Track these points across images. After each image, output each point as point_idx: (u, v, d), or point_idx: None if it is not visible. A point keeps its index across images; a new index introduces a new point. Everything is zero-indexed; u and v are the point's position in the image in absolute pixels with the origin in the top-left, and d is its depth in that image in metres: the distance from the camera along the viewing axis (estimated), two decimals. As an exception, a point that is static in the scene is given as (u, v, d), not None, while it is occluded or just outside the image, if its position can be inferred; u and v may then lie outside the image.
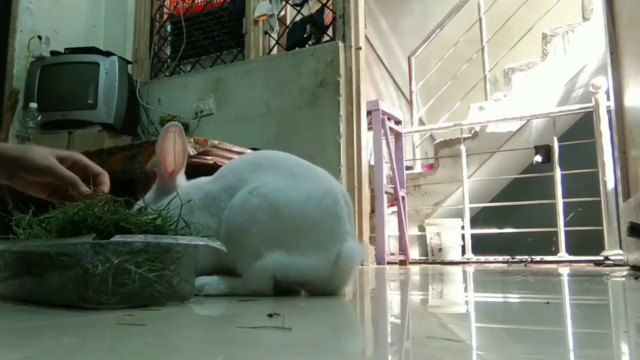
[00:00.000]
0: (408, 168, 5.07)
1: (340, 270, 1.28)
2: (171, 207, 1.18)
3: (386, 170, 4.34)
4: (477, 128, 4.95)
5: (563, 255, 4.00)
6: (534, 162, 4.47)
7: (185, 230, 1.18)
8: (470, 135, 4.95)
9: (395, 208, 4.32)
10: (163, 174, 1.39)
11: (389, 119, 4.18)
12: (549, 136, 4.40)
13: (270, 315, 0.89)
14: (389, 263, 3.89)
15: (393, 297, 1.48)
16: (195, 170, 1.52)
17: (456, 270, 2.94)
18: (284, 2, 4.12)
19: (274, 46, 4.12)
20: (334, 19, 3.80)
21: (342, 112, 3.55)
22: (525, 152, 4.76)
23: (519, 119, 4.75)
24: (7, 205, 1.17)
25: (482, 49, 5.49)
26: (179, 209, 1.17)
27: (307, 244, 1.24)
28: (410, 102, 5.90)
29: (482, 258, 4.33)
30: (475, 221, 4.81)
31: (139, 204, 1.35)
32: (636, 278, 2.00)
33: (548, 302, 1.19)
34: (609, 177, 3.74)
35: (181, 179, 1.42)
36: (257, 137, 3.74)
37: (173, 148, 1.39)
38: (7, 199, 1.18)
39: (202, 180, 1.43)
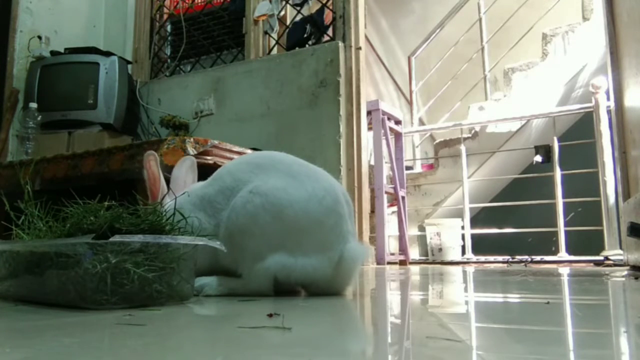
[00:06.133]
0: (408, 168, 5.06)
1: (344, 272, 1.27)
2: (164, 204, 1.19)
3: (386, 170, 4.34)
4: (477, 128, 4.95)
5: (563, 255, 4.00)
6: (534, 162, 4.47)
7: (183, 224, 1.18)
8: (470, 135, 4.94)
9: (395, 208, 4.32)
10: (150, 199, 1.39)
11: (389, 119, 4.18)
12: (549, 136, 4.40)
13: (270, 315, 0.89)
14: (389, 263, 3.89)
15: (393, 297, 1.48)
16: (195, 170, 1.52)
17: (456, 270, 2.94)
18: (284, 2, 4.11)
19: (274, 46, 4.12)
20: (334, 19, 3.80)
21: (342, 112, 3.55)
22: (525, 152, 4.76)
23: (519, 119, 4.75)
24: (4, 206, 1.17)
25: (482, 49, 5.49)
26: (174, 206, 1.17)
27: (310, 244, 1.23)
28: (410, 102, 5.89)
29: (482, 258, 4.33)
30: (475, 221, 4.81)
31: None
32: (636, 278, 2.00)
33: (548, 302, 1.19)
34: (609, 177, 3.74)
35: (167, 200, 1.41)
36: (257, 137, 3.74)
37: (158, 172, 1.40)
38: (4, 199, 1.18)
39: (195, 186, 1.43)
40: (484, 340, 0.77)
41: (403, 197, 4.26)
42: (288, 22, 4.10)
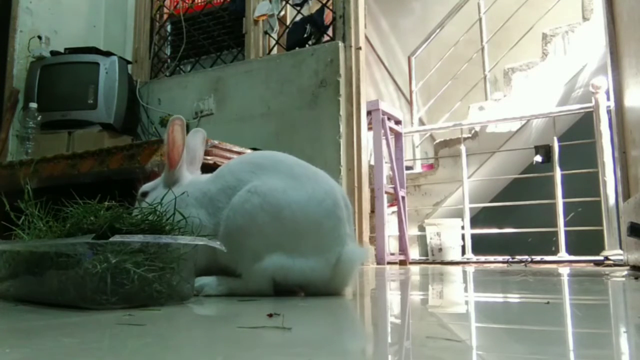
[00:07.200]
0: (408, 168, 5.06)
1: (341, 274, 1.27)
2: (165, 202, 1.19)
3: (386, 170, 4.34)
4: (477, 128, 4.95)
5: (563, 255, 4.00)
6: (534, 162, 4.47)
7: (182, 224, 1.18)
8: (470, 135, 4.94)
9: (395, 208, 4.32)
10: (168, 165, 1.42)
11: (389, 119, 4.18)
12: (549, 136, 4.40)
13: (270, 315, 0.89)
14: (389, 263, 3.89)
15: (393, 297, 1.48)
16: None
17: (456, 270, 2.94)
18: (284, 2, 4.11)
19: (274, 46, 4.12)
20: (334, 19, 3.80)
21: (342, 112, 3.55)
22: (525, 152, 4.76)
23: (519, 119, 4.75)
24: (4, 206, 1.17)
25: (482, 49, 5.49)
26: (174, 203, 1.18)
27: (308, 245, 1.23)
28: (410, 102, 5.89)
29: (482, 258, 4.33)
30: (475, 221, 4.81)
31: (144, 188, 1.37)
32: (636, 278, 2.00)
33: (548, 302, 1.19)
34: (609, 177, 3.74)
35: (185, 171, 1.45)
36: (257, 137, 3.74)
37: (181, 139, 1.43)
38: (4, 199, 1.18)
39: (201, 178, 1.43)
40: (484, 340, 0.77)
41: (403, 197, 4.26)
42: (288, 22, 4.10)
